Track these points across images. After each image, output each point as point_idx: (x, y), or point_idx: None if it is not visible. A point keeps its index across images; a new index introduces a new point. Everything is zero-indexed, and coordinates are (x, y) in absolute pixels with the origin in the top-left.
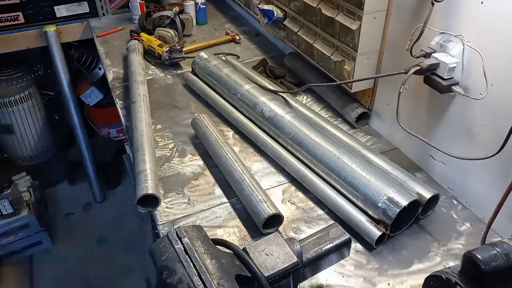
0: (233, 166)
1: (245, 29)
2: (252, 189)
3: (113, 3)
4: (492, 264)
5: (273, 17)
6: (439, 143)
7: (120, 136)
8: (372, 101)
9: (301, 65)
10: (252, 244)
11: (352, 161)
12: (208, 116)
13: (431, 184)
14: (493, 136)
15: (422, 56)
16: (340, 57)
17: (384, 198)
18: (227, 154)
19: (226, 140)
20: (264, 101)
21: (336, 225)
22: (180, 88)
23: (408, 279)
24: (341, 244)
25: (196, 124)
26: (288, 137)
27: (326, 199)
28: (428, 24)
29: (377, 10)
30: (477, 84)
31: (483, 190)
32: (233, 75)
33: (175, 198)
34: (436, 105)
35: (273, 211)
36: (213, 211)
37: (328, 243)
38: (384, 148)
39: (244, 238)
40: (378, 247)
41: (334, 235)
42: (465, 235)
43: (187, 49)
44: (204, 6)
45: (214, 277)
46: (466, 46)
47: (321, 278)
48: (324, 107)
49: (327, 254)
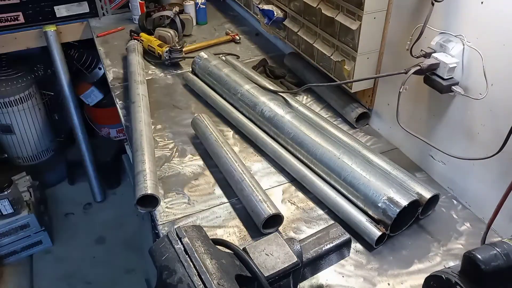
0: (233, 166)
1: (245, 29)
2: (252, 189)
3: (113, 3)
4: (492, 264)
5: (273, 17)
6: (439, 143)
7: (120, 136)
8: (372, 101)
9: (301, 65)
10: (252, 244)
11: (352, 161)
12: (208, 116)
13: (431, 184)
14: (493, 136)
15: (422, 56)
16: (340, 57)
17: (384, 198)
18: (227, 154)
19: (226, 140)
20: (264, 101)
21: (336, 225)
22: (180, 88)
23: (408, 279)
24: (341, 244)
25: (196, 124)
26: (288, 137)
27: (326, 199)
28: (428, 24)
29: (377, 10)
30: (477, 84)
31: (483, 190)
32: (233, 75)
33: (175, 198)
34: (436, 105)
35: (273, 211)
36: (213, 211)
37: (328, 243)
38: (384, 148)
39: (244, 238)
40: (378, 247)
41: (334, 235)
42: (465, 235)
43: (187, 49)
44: (204, 6)
45: (214, 277)
46: (466, 46)
47: (321, 278)
48: (324, 107)
49: (327, 254)
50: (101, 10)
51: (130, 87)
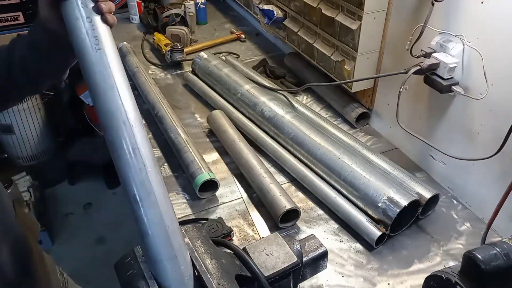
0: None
1: (245, 29)
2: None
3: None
4: (492, 264)
5: (273, 17)
6: (439, 143)
7: None
8: (372, 101)
9: (301, 65)
10: (252, 244)
11: (352, 161)
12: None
13: (431, 184)
14: (493, 136)
15: (422, 56)
16: (340, 57)
17: (384, 198)
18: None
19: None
20: (264, 101)
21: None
22: (180, 88)
23: (408, 279)
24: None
25: (213, 119)
26: (288, 137)
27: (326, 199)
28: (428, 24)
29: (377, 10)
30: (477, 84)
31: (483, 190)
32: (233, 75)
33: (175, 198)
34: (436, 105)
35: (292, 206)
36: (213, 211)
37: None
38: (384, 148)
39: (244, 238)
40: (378, 247)
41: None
42: (465, 235)
43: (192, 48)
44: (204, 6)
45: (214, 277)
46: (466, 46)
47: (321, 278)
48: (324, 107)
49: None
50: None
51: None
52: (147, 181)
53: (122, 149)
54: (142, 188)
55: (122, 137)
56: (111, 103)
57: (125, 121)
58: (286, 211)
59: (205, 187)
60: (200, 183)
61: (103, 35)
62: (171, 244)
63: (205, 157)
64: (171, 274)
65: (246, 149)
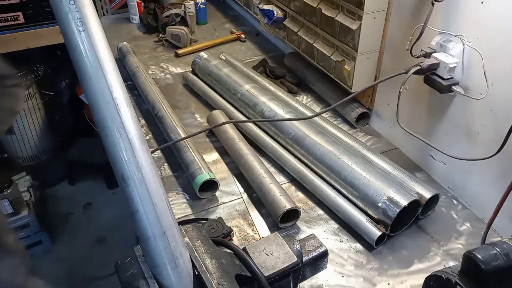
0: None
1: (245, 29)
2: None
3: (113, 3)
4: (492, 264)
5: (273, 17)
6: (439, 143)
7: None
8: (372, 101)
9: (301, 65)
10: (252, 244)
11: (352, 161)
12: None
13: (431, 184)
14: (493, 136)
15: (422, 56)
16: (340, 57)
17: (384, 198)
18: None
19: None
20: (264, 101)
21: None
22: (180, 88)
23: (408, 279)
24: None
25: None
26: (288, 137)
27: (326, 199)
28: (428, 24)
29: (377, 10)
30: (477, 84)
31: (483, 190)
32: (233, 75)
33: (175, 198)
34: (436, 105)
35: (292, 206)
36: (213, 211)
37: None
38: (384, 148)
39: (244, 238)
40: (378, 247)
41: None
42: (465, 235)
43: (193, 48)
44: (204, 6)
45: (214, 277)
46: (466, 46)
47: (321, 278)
48: (324, 107)
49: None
50: (101, 10)
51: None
52: (133, 160)
53: (108, 128)
54: (129, 166)
55: (108, 116)
56: (97, 83)
57: (110, 101)
58: (286, 211)
59: (205, 187)
60: (200, 183)
61: (87, 17)
62: (159, 221)
63: (205, 157)
64: (160, 251)
65: (246, 149)
